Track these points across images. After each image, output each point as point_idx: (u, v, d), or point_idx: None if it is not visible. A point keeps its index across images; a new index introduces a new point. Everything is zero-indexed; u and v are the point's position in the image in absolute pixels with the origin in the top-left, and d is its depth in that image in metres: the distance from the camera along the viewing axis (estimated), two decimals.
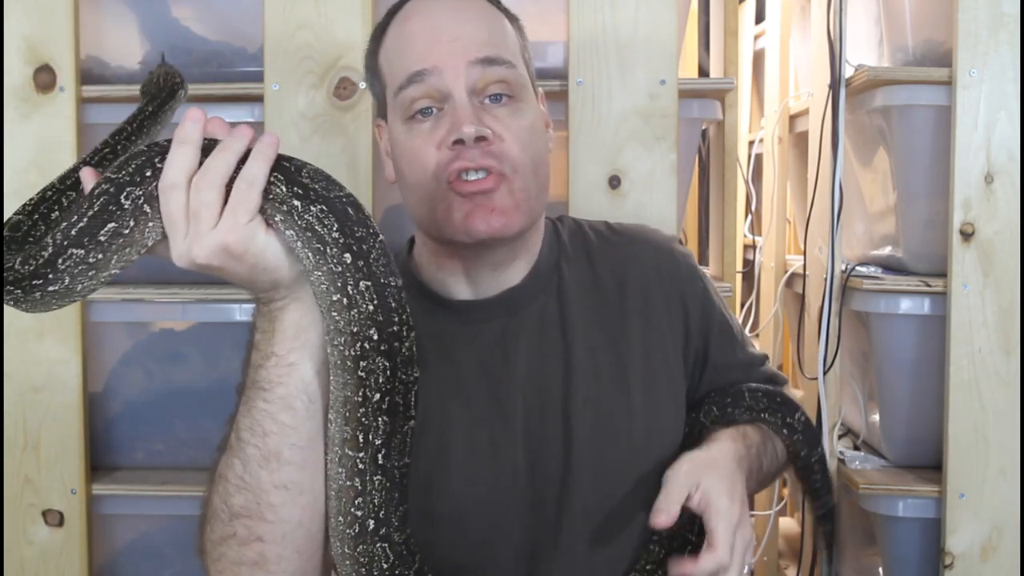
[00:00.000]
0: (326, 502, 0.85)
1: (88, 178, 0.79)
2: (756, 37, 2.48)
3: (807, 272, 1.83)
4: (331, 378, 0.83)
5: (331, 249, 0.78)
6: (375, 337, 0.79)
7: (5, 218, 0.86)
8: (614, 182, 1.46)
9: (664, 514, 0.90)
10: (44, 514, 1.54)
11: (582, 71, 1.45)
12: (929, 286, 1.54)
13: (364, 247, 0.78)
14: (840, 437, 1.72)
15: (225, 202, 0.78)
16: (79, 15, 1.50)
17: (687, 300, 1.13)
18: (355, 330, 0.79)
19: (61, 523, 1.53)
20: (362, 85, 1.47)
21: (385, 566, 0.82)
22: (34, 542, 1.54)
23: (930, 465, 1.60)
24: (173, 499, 1.56)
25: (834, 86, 1.62)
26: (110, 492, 1.57)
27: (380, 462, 0.81)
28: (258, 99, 1.50)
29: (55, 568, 1.54)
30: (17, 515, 1.53)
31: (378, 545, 0.82)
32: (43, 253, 0.76)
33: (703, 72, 2.39)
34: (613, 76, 1.45)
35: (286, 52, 1.47)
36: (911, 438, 1.64)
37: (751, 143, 2.42)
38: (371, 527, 0.82)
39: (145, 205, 0.78)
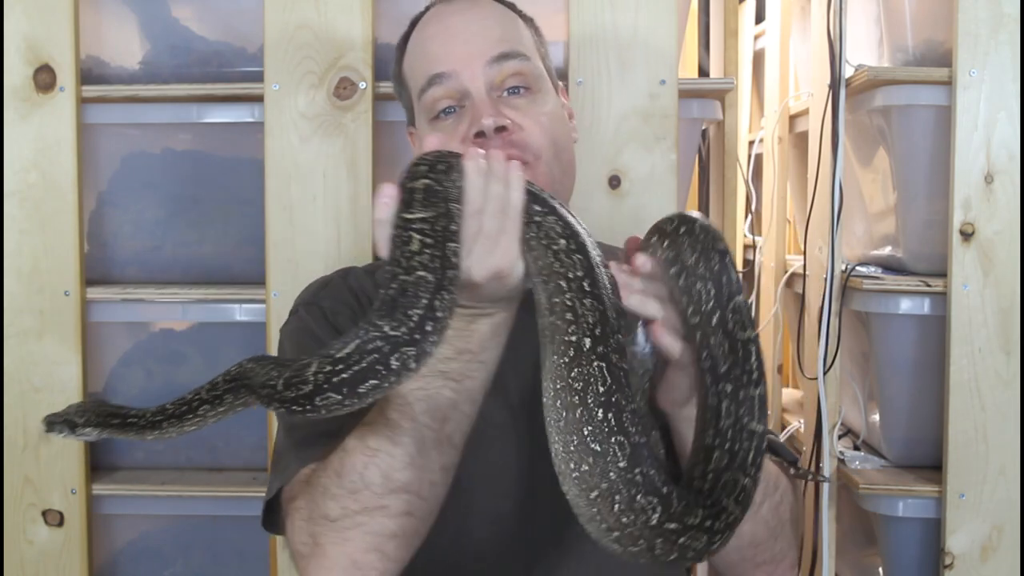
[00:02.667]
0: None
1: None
2: (756, 37, 2.48)
3: (807, 272, 1.83)
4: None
5: (564, 255, 0.81)
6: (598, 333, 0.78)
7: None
8: (614, 182, 1.46)
9: None
10: (44, 514, 1.54)
11: (582, 71, 1.45)
12: (929, 286, 1.54)
13: (586, 246, 0.81)
14: (840, 437, 1.72)
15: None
16: (79, 15, 1.50)
17: None
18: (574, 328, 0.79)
19: (61, 523, 1.53)
20: (362, 85, 1.47)
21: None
22: (34, 542, 1.54)
23: (930, 465, 1.60)
24: (173, 499, 1.56)
25: (834, 86, 1.62)
26: (110, 492, 1.57)
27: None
28: (258, 99, 1.50)
29: (55, 568, 1.54)
30: (17, 515, 1.53)
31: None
32: (304, 387, 0.74)
33: (703, 72, 2.39)
34: (613, 76, 1.45)
35: (286, 52, 1.47)
36: (911, 438, 1.64)
37: (751, 143, 2.42)
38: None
39: (413, 362, 0.75)
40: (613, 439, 0.75)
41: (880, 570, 1.67)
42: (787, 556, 1.03)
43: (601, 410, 0.76)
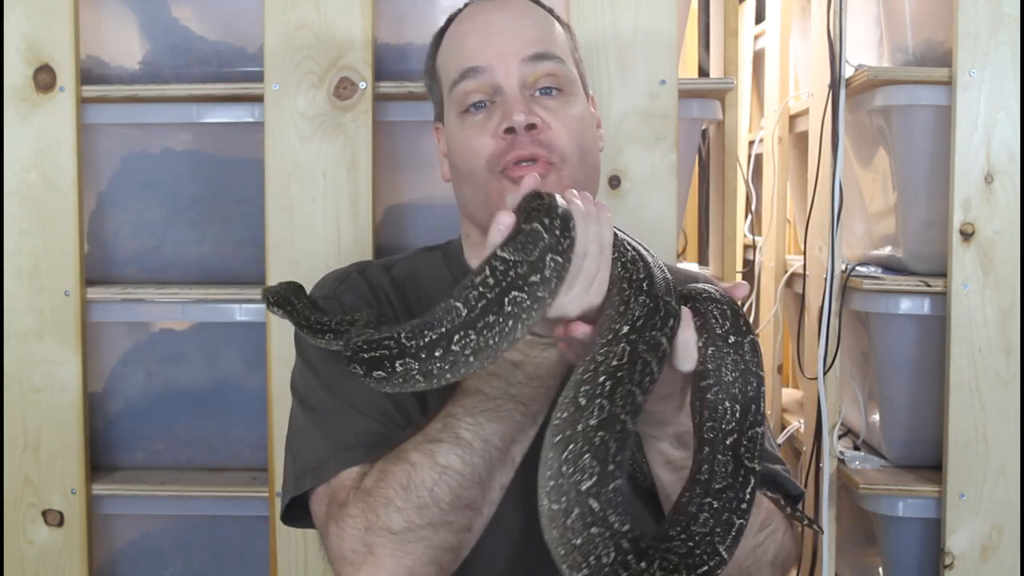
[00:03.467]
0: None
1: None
2: (756, 37, 2.48)
3: (807, 272, 1.83)
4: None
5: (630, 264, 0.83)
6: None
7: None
8: (614, 182, 1.46)
9: None
10: (44, 514, 1.54)
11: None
12: (929, 286, 1.54)
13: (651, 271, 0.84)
14: (840, 437, 1.72)
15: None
16: (79, 15, 1.50)
17: None
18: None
19: (61, 523, 1.53)
20: (362, 85, 1.47)
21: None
22: (34, 542, 1.54)
23: (930, 465, 1.60)
24: (173, 499, 1.56)
25: (834, 86, 1.62)
26: (110, 492, 1.57)
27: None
28: (258, 99, 1.50)
29: (55, 568, 1.54)
30: (17, 515, 1.53)
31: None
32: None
33: (703, 72, 2.39)
34: (613, 76, 1.45)
35: (286, 52, 1.47)
36: (911, 438, 1.64)
37: (751, 143, 2.42)
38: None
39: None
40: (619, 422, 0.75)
41: (880, 570, 1.67)
42: None
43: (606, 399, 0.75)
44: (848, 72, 1.62)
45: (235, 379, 1.62)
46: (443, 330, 0.76)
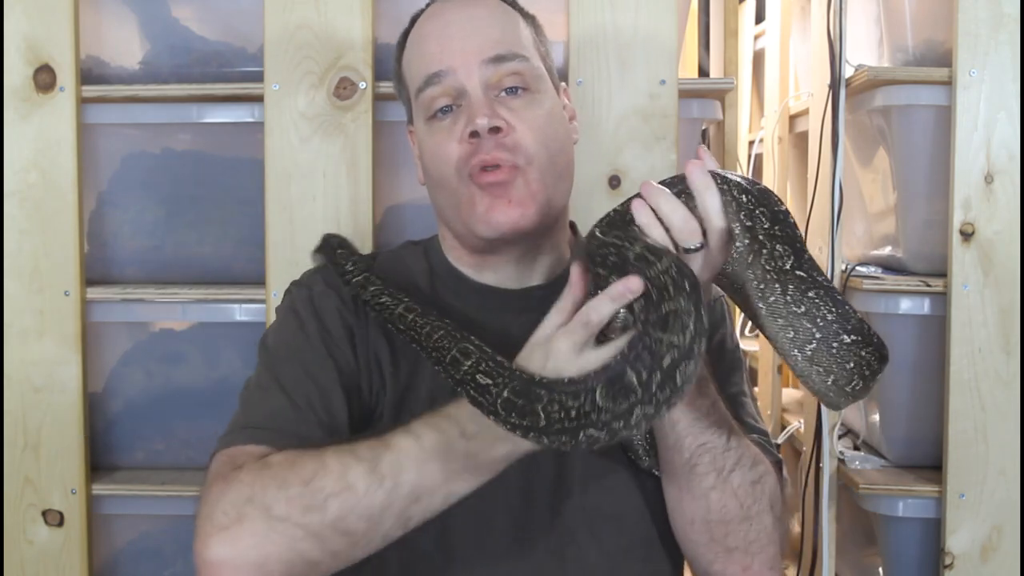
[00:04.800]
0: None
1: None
2: (756, 37, 2.48)
3: None
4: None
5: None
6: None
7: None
8: (614, 182, 1.46)
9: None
10: (44, 514, 1.54)
11: (582, 71, 1.45)
12: (929, 286, 1.54)
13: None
14: (840, 437, 1.72)
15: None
16: (79, 15, 1.50)
17: (713, 339, 1.12)
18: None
19: (61, 523, 1.53)
20: (362, 85, 1.47)
21: None
22: (34, 542, 1.54)
23: (930, 465, 1.60)
24: (173, 499, 1.56)
25: (834, 86, 1.62)
26: (110, 492, 1.57)
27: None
28: (258, 99, 1.50)
29: (55, 568, 1.54)
30: (17, 515, 1.53)
31: None
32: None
33: (703, 72, 2.39)
34: (613, 76, 1.45)
35: (286, 52, 1.47)
36: (911, 438, 1.64)
37: (751, 143, 2.42)
38: None
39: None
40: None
41: (880, 570, 1.67)
42: (764, 551, 1.00)
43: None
44: (848, 72, 1.62)
45: (235, 379, 1.62)
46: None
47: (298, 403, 1.00)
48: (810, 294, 0.89)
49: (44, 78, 1.50)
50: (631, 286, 0.80)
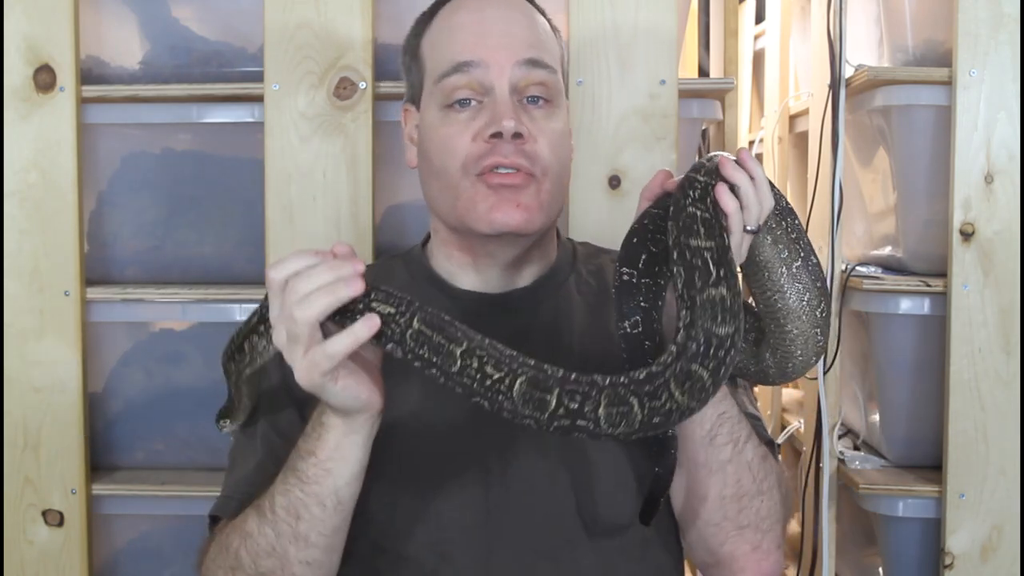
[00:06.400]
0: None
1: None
2: (756, 37, 2.48)
3: None
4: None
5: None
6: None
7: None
8: (614, 182, 1.46)
9: None
10: (44, 514, 1.54)
11: (582, 71, 1.45)
12: (929, 286, 1.54)
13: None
14: (840, 437, 1.72)
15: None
16: (79, 15, 1.50)
17: None
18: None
19: (61, 523, 1.53)
20: (362, 85, 1.47)
21: None
22: (34, 542, 1.54)
23: (930, 465, 1.60)
24: (173, 499, 1.56)
25: (834, 86, 1.62)
26: (110, 492, 1.57)
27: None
28: (258, 99, 1.50)
29: (55, 568, 1.54)
30: (17, 515, 1.53)
31: None
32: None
33: (703, 72, 2.39)
34: (613, 76, 1.45)
35: (286, 52, 1.47)
36: (911, 438, 1.64)
37: (751, 143, 2.42)
38: None
39: None
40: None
41: (880, 570, 1.67)
42: (773, 529, 1.01)
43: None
44: (848, 72, 1.62)
45: None
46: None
47: (265, 462, 1.04)
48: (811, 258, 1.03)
49: (44, 78, 1.50)
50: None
